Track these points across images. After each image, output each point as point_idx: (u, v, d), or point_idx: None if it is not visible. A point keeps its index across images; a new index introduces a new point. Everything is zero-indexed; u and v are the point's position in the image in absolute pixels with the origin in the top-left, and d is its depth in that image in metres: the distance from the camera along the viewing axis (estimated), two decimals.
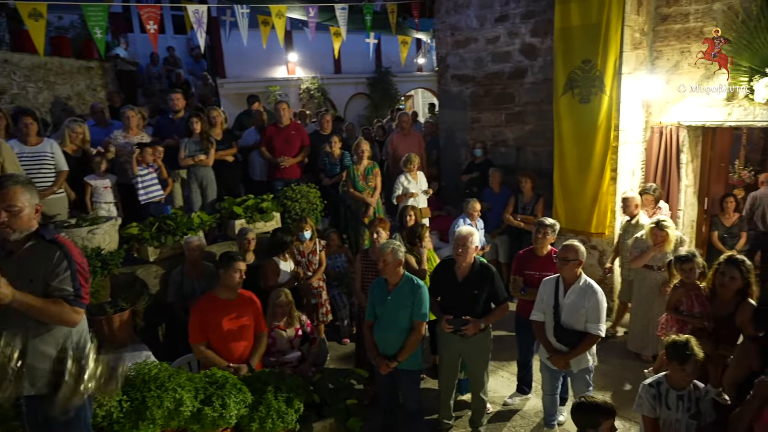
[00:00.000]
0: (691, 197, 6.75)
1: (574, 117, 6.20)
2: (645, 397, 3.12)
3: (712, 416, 3.04)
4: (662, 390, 3.06)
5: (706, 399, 3.03)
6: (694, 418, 3.00)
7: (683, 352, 2.97)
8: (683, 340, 3.00)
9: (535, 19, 7.17)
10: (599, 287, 3.90)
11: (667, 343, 3.09)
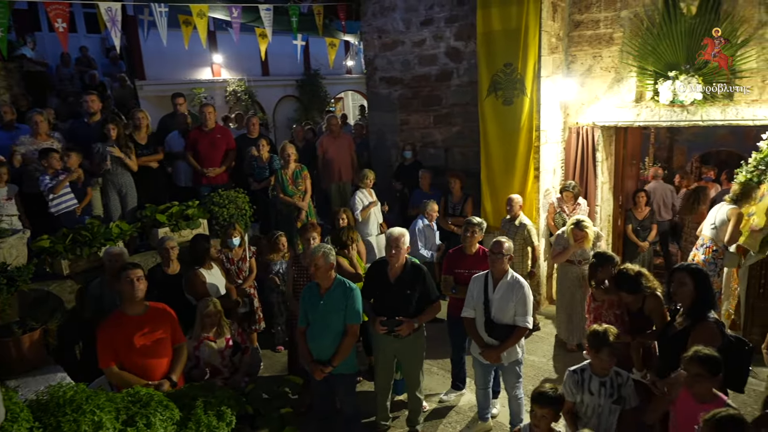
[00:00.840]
0: (606, 193, 7.16)
1: (499, 118, 6.42)
2: (567, 382, 3.29)
3: (635, 401, 3.22)
4: (585, 376, 3.23)
5: (628, 385, 3.21)
6: (617, 403, 3.17)
7: (599, 340, 3.13)
8: (602, 330, 3.17)
9: (458, 23, 7.36)
10: (526, 281, 4.05)
11: (588, 332, 3.25)
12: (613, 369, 3.22)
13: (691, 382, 2.79)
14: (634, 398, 3.20)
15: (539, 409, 2.94)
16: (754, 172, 5.42)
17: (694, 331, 3.18)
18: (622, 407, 3.17)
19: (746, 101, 5.66)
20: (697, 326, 3.20)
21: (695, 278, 3.28)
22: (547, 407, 2.93)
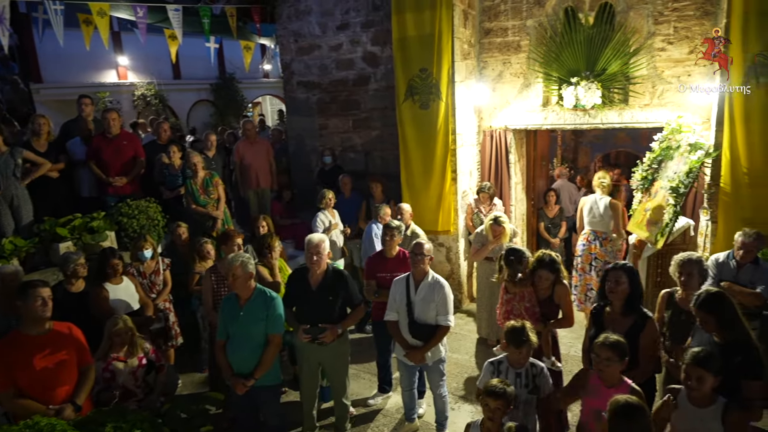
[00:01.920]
0: (520, 193, 7.49)
1: (416, 122, 6.53)
2: (486, 373, 3.40)
3: (549, 390, 3.38)
4: (502, 368, 3.35)
5: (542, 375, 3.36)
6: (533, 393, 3.31)
7: (520, 337, 3.26)
8: (519, 326, 3.29)
9: (374, 28, 7.42)
10: (446, 281, 4.14)
11: (506, 328, 3.36)
12: (528, 361, 3.35)
13: (601, 367, 2.96)
14: (548, 387, 3.36)
15: (493, 401, 2.97)
16: (648, 170, 5.88)
17: (645, 328, 3.38)
18: (537, 396, 3.32)
19: (639, 105, 6.13)
20: (646, 323, 3.40)
21: (630, 276, 3.47)
22: (501, 400, 2.98)
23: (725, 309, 3.00)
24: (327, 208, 6.48)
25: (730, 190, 5.08)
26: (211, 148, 7.49)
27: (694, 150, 5.35)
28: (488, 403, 2.98)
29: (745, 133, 4.93)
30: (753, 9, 4.74)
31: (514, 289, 4.06)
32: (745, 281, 4.24)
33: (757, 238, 4.26)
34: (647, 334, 3.35)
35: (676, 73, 5.94)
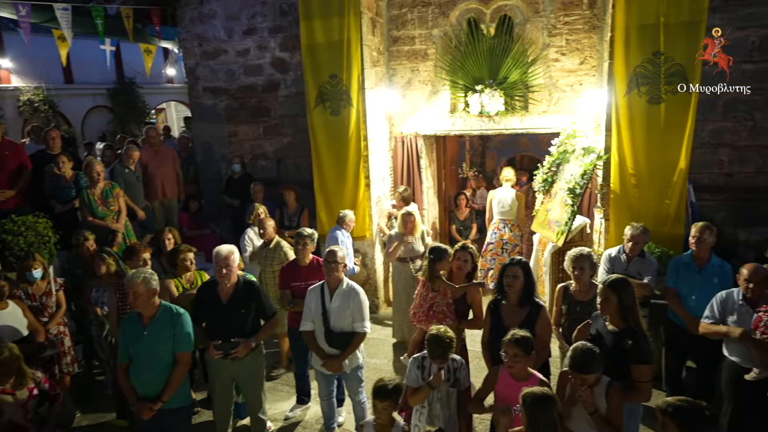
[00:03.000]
0: (432, 197, 7.69)
1: (328, 129, 6.50)
2: (411, 369, 3.45)
3: (468, 382, 3.49)
4: (426, 363, 3.41)
5: (462, 368, 3.46)
6: (454, 386, 3.40)
7: (444, 347, 3.31)
8: (440, 335, 3.32)
9: (283, 34, 7.32)
10: (361, 288, 4.14)
11: (428, 337, 3.40)
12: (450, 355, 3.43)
13: (510, 363, 3.09)
14: (467, 380, 3.49)
15: (380, 402, 3.04)
16: (548, 173, 6.25)
17: (539, 317, 3.57)
18: (457, 389, 3.41)
19: (538, 112, 6.51)
20: (540, 312, 3.60)
21: (525, 270, 3.67)
22: (387, 399, 3.05)
23: (628, 293, 3.25)
24: (256, 222, 6.15)
25: (619, 190, 5.51)
26: (132, 163, 7.00)
27: (588, 153, 5.75)
28: (376, 403, 3.05)
29: (630, 138, 5.37)
30: (633, 24, 5.18)
31: (441, 286, 4.12)
32: (634, 273, 4.61)
33: (644, 231, 4.65)
34: (542, 323, 3.55)
35: (569, 82, 6.37)
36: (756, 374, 3.60)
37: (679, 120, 5.19)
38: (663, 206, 5.38)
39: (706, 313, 3.94)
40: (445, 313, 4.06)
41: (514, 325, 3.44)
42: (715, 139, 6.00)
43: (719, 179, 6.08)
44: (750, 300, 3.73)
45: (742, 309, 3.74)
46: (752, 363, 3.65)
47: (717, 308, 3.86)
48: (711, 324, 3.88)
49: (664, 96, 5.19)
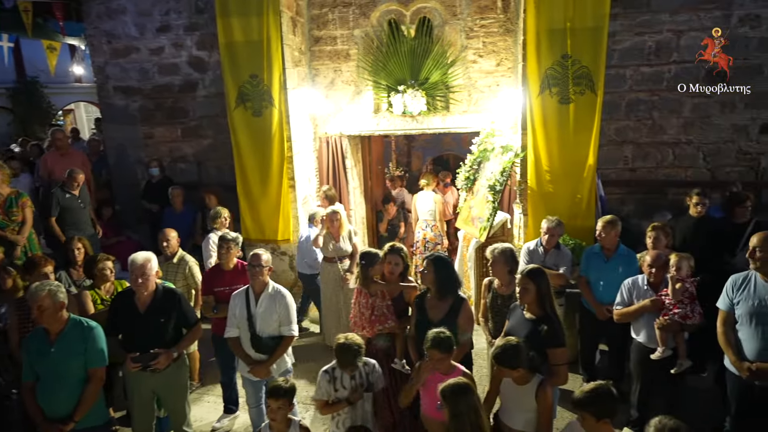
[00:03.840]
0: (359, 197, 7.70)
1: (250, 130, 6.35)
2: (321, 383, 3.42)
3: (383, 383, 3.51)
4: (337, 374, 3.39)
5: (375, 371, 3.47)
6: (368, 390, 3.41)
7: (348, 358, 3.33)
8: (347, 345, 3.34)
9: (199, 32, 7.07)
10: (287, 290, 4.07)
11: (336, 346, 3.39)
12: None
13: (437, 365, 3.15)
14: (381, 381, 3.50)
15: (274, 402, 3.03)
16: (470, 171, 6.45)
17: (461, 310, 3.67)
18: (372, 392, 3.43)
19: (459, 112, 6.69)
20: (462, 304, 3.69)
21: (435, 265, 3.76)
22: (282, 399, 3.06)
23: (544, 282, 3.42)
24: (222, 228, 5.88)
25: (536, 186, 5.78)
26: (77, 187, 6.47)
27: (506, 151, 5.99)
28: (270, 403, 3.05)
29: (544, 137, 5.65)
30: (543, 28, 5.45)
31: (378, 289, 4.11)
32: (551, 264, 4.85)
33: (559, 224, 4.91)
34: (463, 315, 3.66)
35: (487, 83, 6.60)
36: (660, 353, 3.90)
37: (586, 119, 5.52)
38: (575, 200, 5.70)
39: (617, 301, 4.21)
40: (387, 315, 4.07)
41: (437, 318, 3.56)
42: (619, 137, 6.43)
43: (624, 174, 6.52)
44: (653, 284, 4.05)
45: (647, 293, 4.04)
46: (656, 343, 3.95)
47: (626, 294, 4.14)
48: (621, 308, 4.15)
49: (573, 97, 5.50)
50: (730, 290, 3.51)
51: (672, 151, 6.37)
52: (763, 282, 3.34)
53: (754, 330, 3.35)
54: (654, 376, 4.08)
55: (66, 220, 6.37)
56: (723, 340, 3.52)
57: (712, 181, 6.22)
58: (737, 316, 3.44)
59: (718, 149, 6.26)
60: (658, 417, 2.37)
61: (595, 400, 2.60)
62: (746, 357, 3.39)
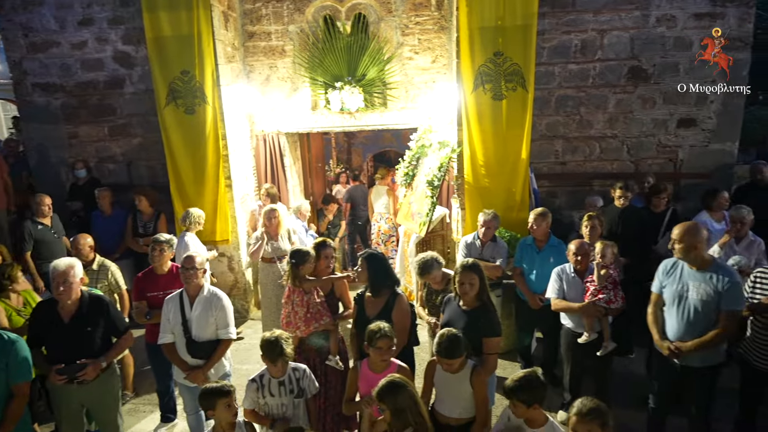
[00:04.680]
0: (299, 195, 7.61)
1: (182, 128, 6.13)
2: (248, 392, 3.33)
3: (315, 389, 3.46)
4: (265, 381, 3.32)
5: (305, 377, 3.42)
6: (299, 396, 3.36)
7: (275, 352, 3.26)
8: (273, 339, 3.28)
9: (125, 25, 6.75)
10: (223, 293, 3.97)
11: (261, 343, 3.33)
12: (289, 366, 3.38)
13: (374, 359, 3.16)
14: (313, 386, 3.45)
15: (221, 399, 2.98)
16: (409, 167, 6.51)
17: (395, 305, 3.70)
18: (304, 398, 3.38)
19: (397, 108, 6.74)
20: (396, 300, 3.71)
21: (368, 263, 3.80)
22: (227, 397, 3.01)
23: (483, 274, 3.50)
24: (195, 229, 5.68)
25: (472, 181, 5.90)
26: (47, 214, 5.94)
27: (443, 147, 6.09)
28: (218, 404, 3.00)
29: (479, 132, 5.77)
30: (475, 26, 5.56)
31: (311, 286, 4.07)
32: (488, 257, 4.99)
33: (494, 217, 5.05)
34: (397, 310, 3.70)
35: (424, 80, 6.68)
36: (587, 337, 4.09)
37: (518, 115, 5.69)
38: (510, 194, 5.87)
39: (550, 289, 4.36)
40: (322, 312, 4.03)
41: (373, 314, 3.58)
42: (550, 132, 6.68)
43: (556, 167, 6.79)
44: (579, 272, 4.23)
45: (573, 280, 4.22)
46: (583, 328, 4.14)
47: (556, 283, 4.30)
48: (560, 300, 4.26)
49: (506, 93, 5.65)
50: (661, 274, 3.70)
51: (599, 145, 6.68)
52: (688, 269, 3.55)
53: (676, 312, 3.55)
54: (583, 360, 4.27)
55: (41, 253, 5.79)
56: (651, 320, 3.71)
57: (636, 173, 6.58)
58: (665, 298, 3.64)
59: (640, 143, 6.63)
60: (580, 399, 2.48)
61: (525, 387, 2.68)
62: (668, 337, 3.60)
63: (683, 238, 3.47)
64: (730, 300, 3.36)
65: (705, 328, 3.44)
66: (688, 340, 3.48)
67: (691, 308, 3.47)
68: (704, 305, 3.42)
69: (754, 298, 3.69)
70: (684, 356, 3.50)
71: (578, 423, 2.39)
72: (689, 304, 3.48)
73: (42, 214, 5.90)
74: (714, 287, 3.39)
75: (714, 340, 3.41)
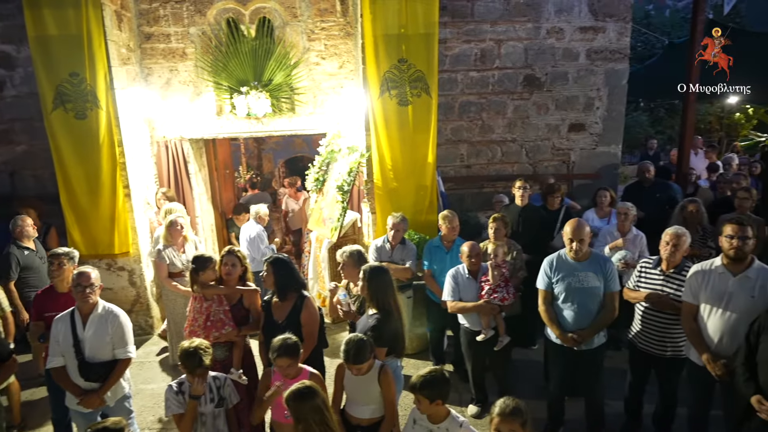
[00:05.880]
0: (206, 203, 7.34)
1: (73, 134, 5.70)
2: (170, 398, 3.18)
3: (236, 398, 3.37)
4: (184, 389, 3.20)
5: (226, 386, 3.33)
6: (220, 405, 3.26)
7: (194, 363, 3.14)
8: (192, 350, 3.15)
9: (3, 23, 6.20)
10: (121, 310, 3.73)
11: (180, 353, 3.21)
12: (209, 374, 3.28)
13: (284, 372, 3.11)
14: (235, 396, 3.36)
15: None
16: (319, 172, 6.49)
17: (303, 308, 3.67)
18: (225, 407, 3.29)
19: (306, 114, 6.70)
20: (303, 303, 3.68)
21: (273, 268, 3.77)
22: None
23: (377, 280, 3.54)
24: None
25: (382, 185, 5.99)
26: (31, 236, 5.35)
27: (352, 152, 6.14)
28: None
29: (386, 137, 5.87)
30: (379, 33, 5.66)
31: (213, 293, 3.93)
32: (398, 259, 5.08)
33: (403, 220, 5.15)
34: (305, 313, 3.70)
35: (332, 85, 6.69)
36: (484, 335, 4.24)
37: (424, 120, 5.85)
38: (419, 197, 6.02)
39: (446, 293, 4.43)
40: (224, 321, 3.91)
41: (281, 319, 3.56)
42: (455, 137, 6.94)
43: (462, 170, 7.07)
44: (473, 272, 4.36)
45: (468, 281, 4.34)
46: (480, 326, 4.29)
47: (451, 285, 4.38)
48: (455, 302, 4.36)
49: (411, 99, 5.80)
50: (548, 270, 3.96)
51: (500, 149, 7.04)
52: (573, 262, 3.83)
53: (570, 303, 3.83)
54: (484, 355, 4.44)
55: (28, 281, 5.26)
56: (546, 317, 3.95)
57: (534, 174, 7.00)
58: (557, 293, 3.90)
59: (537, 146, 7.06)
60: (502, 399, 2.58)
61: (428, 384, 2.77)
62: (566, 328, 3.86)
63: (575, 236, 3.77)
64: (612, 283, 3.80)
65: (597, 312, 3.81)
66: (584, 327, 3.78)
67: (584, 297, 3.78)
68: (593, 292, 3.78)
69: (639, 287, 4.03)
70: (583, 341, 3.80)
71: (501, 423, 2.49)
72: (582, 294, 3.78)
73: (27, 237, 5.32)
74: (597, 275, 3.77)
75: (606, 321, 3.81)
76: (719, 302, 3.41)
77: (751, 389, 2.99)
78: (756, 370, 3.01)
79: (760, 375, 2.98)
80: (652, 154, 10.07)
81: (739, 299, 3.34)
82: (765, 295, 3.27)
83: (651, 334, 3.93)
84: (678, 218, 5.13)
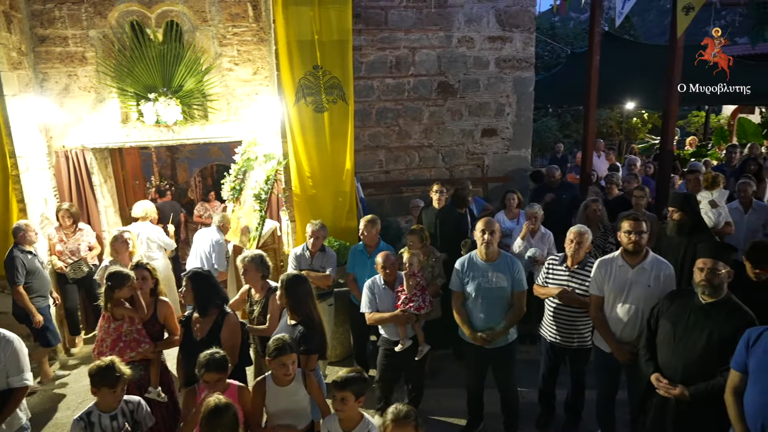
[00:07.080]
0: (113, 216, 6.91)
1: None
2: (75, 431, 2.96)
3: (151, 420, 3.19)
4: (94, 418, 2.97)
5: (140, 408, 3.13)
6: (134, 429, 3.07)
7: (113, 375, 2.96)
8: (107, 364, 2.97)
9: None
10: (14, 335, 3.42)
11: (90, 371, 3.00)
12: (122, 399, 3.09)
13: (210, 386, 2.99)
14: (150, 418, 3.19)
15: None
16: (236, 181, 6.31)
17: (224, 324, 3.57)
18: (133, 430, 3.10)
19: (219, 121, 6.50)
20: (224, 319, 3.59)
21: (192, 282, 3.65)
22: None
23: (294, 289, 3.48)
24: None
25: (300, 192, 5.92)
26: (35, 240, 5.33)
27: (269, 160, 6.03)
28: None
29: (303, 144, 5.82)
30: (293, 40, 5.60)
31: (123, 313, 3.70)
32: (318, 267, 5.03)
33: (321, 227, 5.10)
34: (226, 329, 3.59)
35: (246, 92, 6.54)
36: (402, 345, 4.20)
37: (341, 127, 5.86)
38: (338, 204, 6.01)
39: (363, 305, 4.32)
40: (138, 340, 3.72)
41: (202, 335, 3.42)
42: (373, 143, 7.01)
43: (380, 176, 7.14)
44: (389, 283, 4.27)
45: (384, 292, 4.26)
46: (398, 336, 4.22)
47: (368, 296, 4.29)
48: (373, 313, 4.26)
49: (327, 105, 5.78)
50: (460, 272, 4.07)
51: (417, 154, 7.19)
52: (483, 263, 3.97)
53: (481, 302, 3.96)
54: (401, 365, 4.34)
55: (32, 287, 5.23)
56: (459, 318, 4.06)
57: (451, 179, 7.20)
58: (466, 293, 4.02)
59: (452, 151, 7.28)
60: (394, 405, 2.61)
61: (354, 380, 2.79)
62: (477, 327, 3.98)
63: (486, 225, 3.96)
64: (520, 282, 3.97)
65: (506, 311, 3.96)
66: (494, 326, 3.92)
67: (493, 297, 3.92)
68: (502, 291, 3.93)
69: (547, 283, 4.24)
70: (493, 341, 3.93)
71: (395, 428, 2.51)
72: (491, 294, 3.92)
73: (30, 242, 5.27)
74: (505, 275, 3.93)
75: (514, 320, 3.98)
76: (621, 293, 3.68)
77: (650, 368, 3.24)
78: (656, 351, 3.26)
79: (660, 356, 3.23)
80: (559, 157, 10.72)
81: (637, 289, 3.61)
82: (659, 284, 3.56)
83: (559, 327, 4.15)
84: (581, 217, 5.47)
